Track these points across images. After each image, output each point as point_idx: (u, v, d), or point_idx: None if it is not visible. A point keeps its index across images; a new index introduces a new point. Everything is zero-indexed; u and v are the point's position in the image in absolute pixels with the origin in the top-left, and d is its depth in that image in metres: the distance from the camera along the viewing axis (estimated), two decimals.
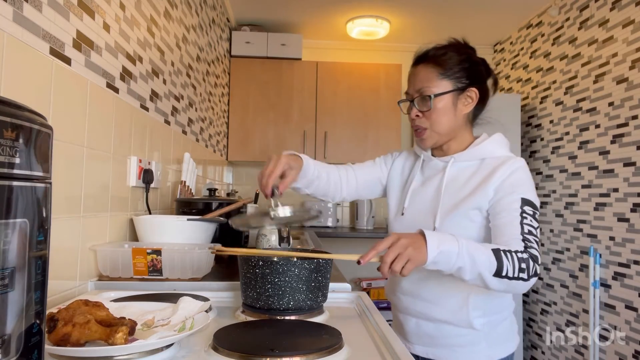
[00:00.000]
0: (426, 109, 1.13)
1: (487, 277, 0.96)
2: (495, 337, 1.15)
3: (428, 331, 1.18)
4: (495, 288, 0.99)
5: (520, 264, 0.97)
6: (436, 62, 1.14)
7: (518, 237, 1.01)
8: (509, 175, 1.09)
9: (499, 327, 1.17)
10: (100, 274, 1.26)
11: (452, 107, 1.14)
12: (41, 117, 0.49)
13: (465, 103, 1.15)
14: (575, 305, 2.92)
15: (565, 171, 3.08)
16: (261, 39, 3.73)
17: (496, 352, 1.15)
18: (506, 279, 0.96)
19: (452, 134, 1.17)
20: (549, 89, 3.31)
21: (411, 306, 1.20)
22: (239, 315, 1.00)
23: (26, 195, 0.45)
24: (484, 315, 1.13)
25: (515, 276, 0.96)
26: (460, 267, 0.95)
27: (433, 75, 1.13)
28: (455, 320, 1.14)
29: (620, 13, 2.61)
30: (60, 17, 1.06)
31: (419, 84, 1.14)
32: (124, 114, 1.44)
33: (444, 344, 1.16)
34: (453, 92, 1.13)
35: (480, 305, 1.13)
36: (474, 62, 1.17)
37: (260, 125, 3.75)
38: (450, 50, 1.16)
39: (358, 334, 0.91)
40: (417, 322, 1.20)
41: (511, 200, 1.06)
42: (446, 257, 0.94)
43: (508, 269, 0.96)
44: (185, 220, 1.43)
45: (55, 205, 0.68)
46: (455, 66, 1.13)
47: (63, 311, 0.72)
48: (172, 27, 2.02)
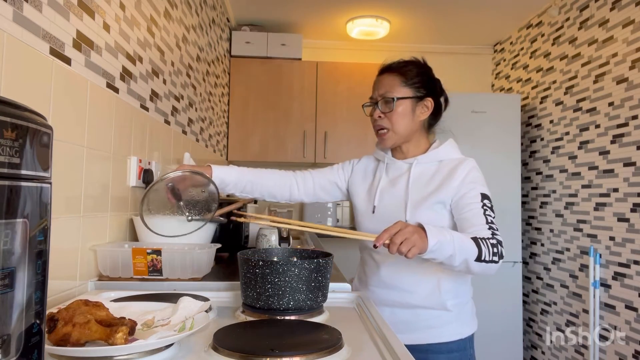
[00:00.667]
0: (388, 111, 1.30)
1: (471, 263, 1.11)
2: (463, 317, 1.31)
3: (404, 318, 1.30)
4: (475, 271, 1.14)
5: (492, 248, 1.13)
6: (399, 72, 1.32)
7: (484, 226, 1.18)
8: (467, 174, 1.26)
9: (465, 307, 1.33)
10: (100, 274, 1.26)
11: (411, 112, 1.31)
12: (41, 117, 0.49)
13: (422, 110, 1.33)
14: (575, 305, 2.92)
15: (565, 171, 3.08)
16: (261, 39, 3.73)
17: (465, 329, 1.31)
18: (484, 263, 1.12)
19: (409, 136, 1.34)
20: (549, 89, 3.31)
21: (386, 297, 1.32)
22: (239, 315, 1.00)
23: (26, 195, 0.45)
24: (455, 297, 1.30)
25: (490, 259, 1.12)
26: (451, 255, 1.09)
27: (396, 83, 1.31)
28: (429, 304, 1.28)
29: (620, 13, 2.61)
30: (60, 17, 1.06)
31: (383, 89, 1.32)
32: (124, 114, 1.44)
33: (419, 327, 1.29)
34: (412, 98, 1.31)
35: (450, 289, 1.29)
36: (431, 78, 1.36)
37: (260, 125, 3.75)
38: (411, 65, 1.34)
39: (358, 334, 0.91)
40: (392, 311, 1.31)
41: (472, 196, 1.23)
42: (441, 247, 1.07)
43: (485, 254, 1.11)
44: (185, 220, 1.43)
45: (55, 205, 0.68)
46: (415, 77, 1.31)
47: (63, 311, 0.72)
48: (172, 27, 2.02)
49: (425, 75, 1.34)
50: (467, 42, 4.15)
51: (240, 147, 3.73)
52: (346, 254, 4.06)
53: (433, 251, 1.06)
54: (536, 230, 3.41)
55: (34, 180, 0.46)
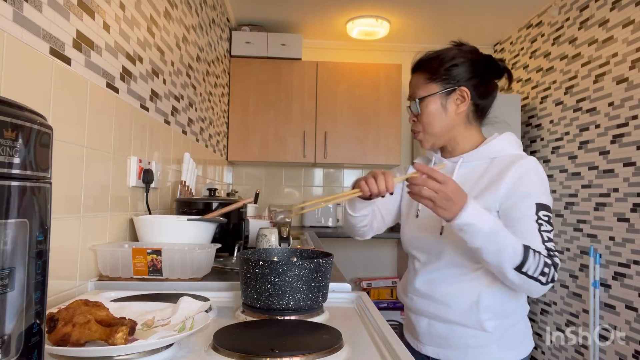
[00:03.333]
0: (416, 113, 1.20)
1: (507, 269, 0.98)
2: (507, 340, 1.15)
3: (440, 332, 1.18)
4: (513, 280, 1.01)
5: (544, 267, 0.99)
6: (425, 67, 1.21)
7: (540, 246, 1.03)
8: (521, 177, 1.09)
9: (511, 330, 1.16)
10: (100, 274, 1.26)
11: (441, 108, 1.18)
12: (41, 117, 0.49)
13: (456, 103, 1.18)
14: (575, 305, 2.92)
15: (565, 171, 3.08)
16: (261, 39, 3.73)
17: (507, 355, 1.15)
18: (525, 276, 0.98)
19: (448, 134, 1.20)
20: (549, 89, 3.31)
21: (423, 307, 1.21)
22: (239, 315, 1.00)
23: (26, 195, 0.45)
24: (495, 317, 1.13)
25: (535, 277, 0.99)
26: (481, 248, 0.98)
27: (421, 81, 1.20)
28: (466, 321, 1.14)
29: (620, 13, 2.61)
30: (60, 17, 1.06)
31: (411, 90, 1.23)
32: (124, 114, 1.44)
33: (455, 345, 1.17)
34: (438, 94, 1.17)
35: (491, 308, 1.13)
36: (465, 62, 1.19)
37: (260, 125, 3.75)
38: (440, 55, 1.20)
39: (358, 334, 0.91)
40: (429, 323, 1.21)
41: (526, 207, 1.06)
42: (473, 231, 0.97)
43: (530, 267, 0.98)
44: (185, 220, 1.43)
45: (55, 205, 0.68)
46: (442, 69, 1.18)
47: (63, 311, 0.72)
48: (172, 27, 2.02)
49: (455, 62, 1.18)
50: (467, 42, 4.14)
51: (240, 147, 3.73)
52: (346, 254, 4.07)
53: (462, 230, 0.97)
54: None
55: (34, 180, 0.46)
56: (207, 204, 1.68)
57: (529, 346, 1.20)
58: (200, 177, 2.59)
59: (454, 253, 1.16)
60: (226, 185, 3.76)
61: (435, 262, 1.20)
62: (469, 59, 1.20)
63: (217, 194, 1.99)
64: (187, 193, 1.94)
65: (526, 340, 1.20)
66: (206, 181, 2.85)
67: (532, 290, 1.02)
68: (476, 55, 1.23)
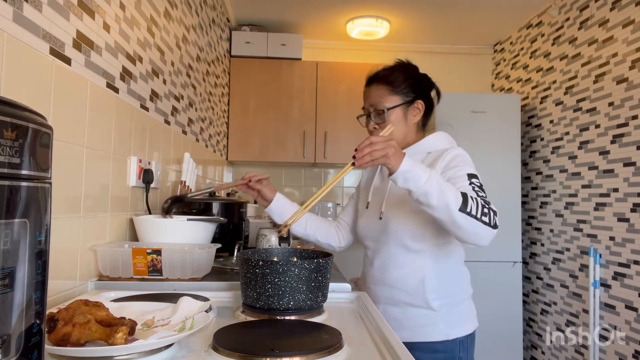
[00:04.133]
0: (381, 121, 1.32)
1: (453, 210, 1.04)
2: (452, 318, 1.28)
3: (394, 315, 1.30)
4: (461, 224, 1.06)
5: (483, 207, 1.07)
6: (386, 81, 1.34)
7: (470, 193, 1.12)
8: (451, 159, 1.24)
9: (455, 309, 1.30)
10: (100, 274, 1.26)
11: (403, 118, 1.33)
12: (41, 117, 0.49)
13: (414, 114, 1.35)
14: (575, 305, 2.92)
15: (565, 171, 3.08)
16: (261, 39, 3.73)
17: (453, 331, 1.28)
18: (471, 217, 1.05)
19: (405, 141, 1.35)
20: (549, 89, 3.31)
21: (379, 293, 1.34)
22: (239, 315, 1.00)
23: (26, 195, 0.45)
24: (440, 297, 1.27)
25: (479, 217, 1.05)
26: (427, 191, 1.04)
27: (384, 92, 1.33)
28: (414, 301, 1.28)
29: (620, 13, 2.61)
30: (60, 17, 1.06)
31: (373, 100, 1.34)
32: (124, 114, 1.44)
33: (408, 326, 1.29)
34: (402, 105, 1.32)
35: (435, 288, 1.27)
36: (418, 78, 1.36)
37: (260, 125, 3.75)
38: (397, 70, 1.35)
39: (358, 334, 0.91)
40: (384, 308, 1.32)
41: (458, 176, 1.18)
42: (415, 177, 1.05)
43: (472, 207, 1.05)
44: (185, 220, 1.43)
45: (55, 205, 0.68)
46: (403, 83, 1.33)
47: (63, 311, 0.72)
48: (172, 27, 2.02)
49: (411, 77, 1.34)
50: (467, 42, 4.15)
51: (240, 147, 3.73)
52: (346, 254, 4.07)
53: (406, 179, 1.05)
54: (536, 230, 3.41)
55: (34, 180, 0.46)
56: (207, 204, 1.68)
57: (474, 325, 1.33)
58: (200, 177, 2.59)
59: (397, 235, 1.30)
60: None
61: (382, 247, 1.34)
62: (418, 76, 1.37)
63: (217, 194, 1.99)
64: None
65: (471, 320, 1.34)
66: (206, 181, 2.85)
67: (481, 233, 1.07)
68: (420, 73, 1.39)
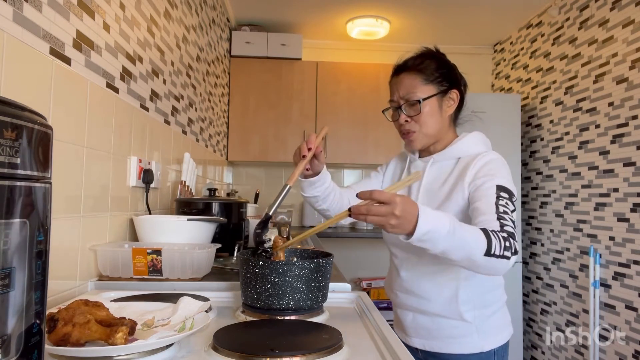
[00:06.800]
0: (415, 114, 1.21)
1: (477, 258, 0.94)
2: (486, 329, 1.21)
3: (424, 324, 1.25)
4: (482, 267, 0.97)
5: (504, 242, 0.96)
6: (417, 69, 1.22)
7: (493, 217, 1.02)
8: (482, 166, 1.14)
9: (489, 319, 1.22)
10: (100, 274, 1.26)
11: (438, 109, 1.22)
12: (41, 117, 0.49)
13: (448, 104, 1.24)
14: (575, 305, 2.92)
15: (565, 171, 3.08)
16: (261, 39, 3.73)
17: (488, 342, 1.21)
18: (494, 258, 0.94)
19: (439, 135, 1.25)
20: (549, 89, 3.31)
21: (407, 302, 1.28)
22: (239, 315, 1.00)
23: (26, 195, 0.45)
24: (474, 308, 1.20)
25: (501, 254, 0.95)
26: (446, 251, 0.93)
27: (417, 82, 1.21)
28: (446, 313, 1.21)
29: (620, 13, 2.61)
30: (60, 17, 1.06)
31: (404, 90, 1.22)
32: (124, 114, 1.44)
33: (438, 336, 1.23)
34: (437, 95, 1.21)
35: (469, 300, 1.19)
36: (450, 67, 1.26)
37: (260, 125, 3.75)
38: (428, 58, 1.24)
39: (358, 334, 0.91)
40: (414, 316, 1.27)
41: (487, 187, 1.09)
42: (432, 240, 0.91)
43: (496, 247, 0.94)
44: (185, 220, 1.43)
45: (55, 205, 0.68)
46: (435, 72, 1.22)
47: (63, 311, 0.72)
48: (172, 27, 2.02)
49: (444, 67, 1.24)
50: (467, 42, 4.15)
51: (240, 147, 3.73)
52: (346, 254, 4.07)
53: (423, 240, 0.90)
54: (536, 230, 3.41)
55: (34, 180, 0.46)
56: (207, 204, 1.68)
57: (508, 333, 1.26)
58: (200, 177, 2.59)
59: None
60: (226, 185, 3.76)
61: (414, 259, 1.25)
62: (450, 65, 1.27)
63: (217, 194, 1.99)
64: (187, 193, 1.94)
65: (505, 328, 1.26)
66: (206, 181, 2.85)
67: (500, 268, 0.97)
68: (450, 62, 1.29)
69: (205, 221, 1.46)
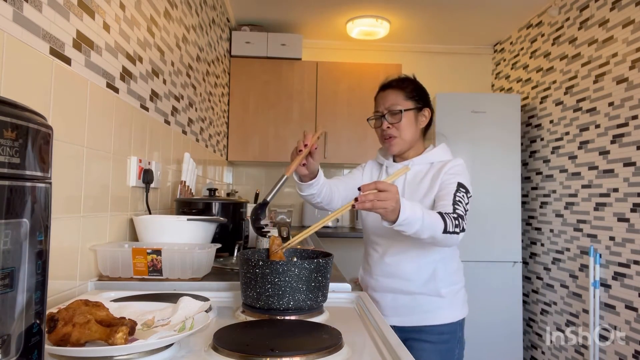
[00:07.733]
0: (396, 121, 1.47)
1: (438, 235, 1.22)
2: (455, 303, 1.48)
3: (404, 303, 1.46)
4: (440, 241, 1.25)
5: (454, 221, 1.25)
6: (400, 87, 1.51)
7: (449, 202, 1.32)
8: (451, 168, 1.44)
9: (458, 294, 1.50)
10: (100, 274, 1.26)
11: (415, 121, 1.49)
12: (41, 117, 0.49)
13: (422, 120, 1.51)
14: (575, 305, 2.92)
15: (565, 171, 3.08)
16: (261, 39, 3.73)
17: (456, 314, 1.47)
18: (448, 234, 1.23)
19: (412, 143, 1.51)
20: (549, 89, 3.31)
21: (390, 284, 1.49)
22: (239, 315, 1.00)
23: (26, 195, 0.45)
24: (447, 285, 1.46)
25: (452, 231, 1.24)
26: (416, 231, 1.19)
27: (400, 97, 1.49)
28: (426, 290, 1.45)
29: (620, 13, 2.61)
30: (60, 17, 1.06)
31: (389, 102, 1.49)
32: (124, 114, 1.44)
33: (417, 311, 1.45)
34: (414, 109, 1.49)
35: (444, 277, 1.46)
36: (424, 91, 1.55)
37: (260, 125, 3.75)
38: (408, 81, 1.53)
39: (358, 334, 0.91)
40: (394, 297, 1.48)
41: (450, 182, 1.39)
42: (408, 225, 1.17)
43: (449, 226, 1.23)
44: (185, 220, 1.43)
45: (55, 205, 0.68)
46: (413, 92, 1.50)
47: (63, 311, 0.72)
48: (172, 27, 2.02)
49: (420, 89, 1.52)
50: (467, 42, 4.15)
51: (240, 147, 3.73)
52: (346, 254, 4.07)
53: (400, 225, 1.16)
54: (536, 230, 3.41)
55: (34, 180, 0.46)
56: (207, 204, 1.68)
57: (467, 309, 1.52)
58: (200, 177, 2.59)
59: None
60: (226, 185, 3.76)
61: (395, 243, 1.48)
62: (423, 89, 1.55)
63: (217, 194, 1.99)
64: (187, 193, 1.94)
65: (466, 303, 1.53)
66: (206, 181, 2.85)
67: (452, 242, 1.27)
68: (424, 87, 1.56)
69: (205, 221, 1.46)
